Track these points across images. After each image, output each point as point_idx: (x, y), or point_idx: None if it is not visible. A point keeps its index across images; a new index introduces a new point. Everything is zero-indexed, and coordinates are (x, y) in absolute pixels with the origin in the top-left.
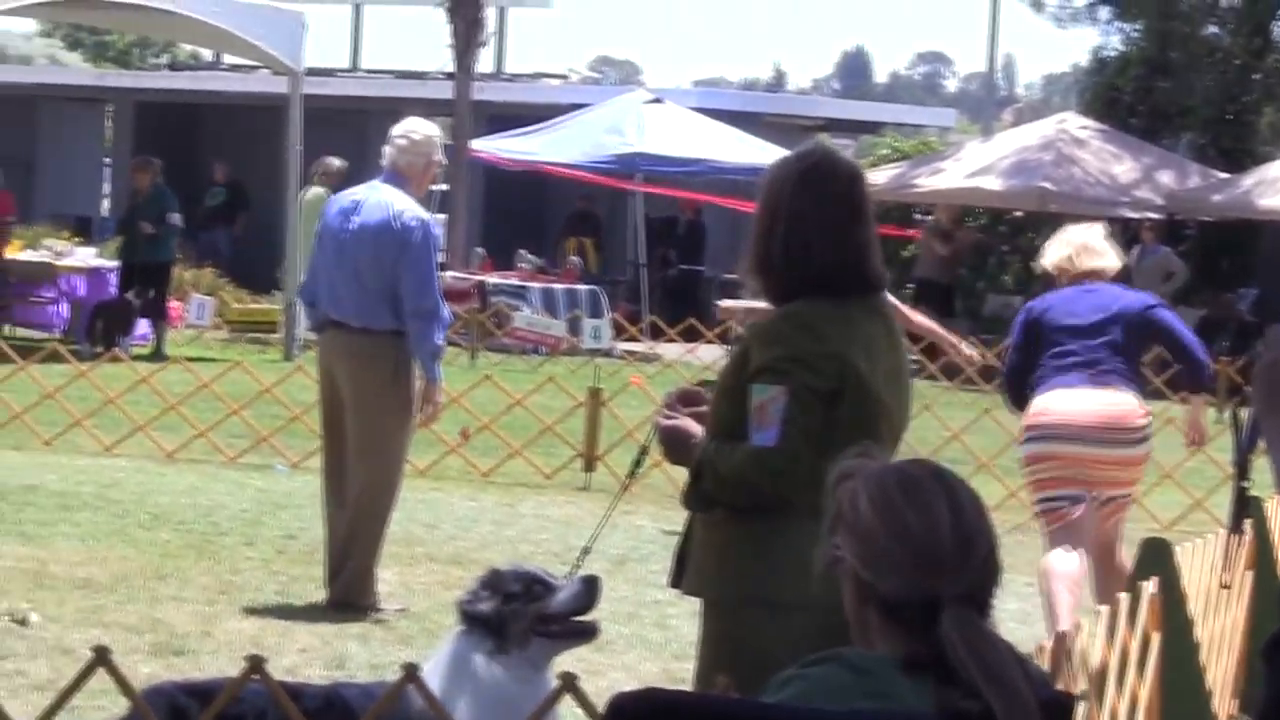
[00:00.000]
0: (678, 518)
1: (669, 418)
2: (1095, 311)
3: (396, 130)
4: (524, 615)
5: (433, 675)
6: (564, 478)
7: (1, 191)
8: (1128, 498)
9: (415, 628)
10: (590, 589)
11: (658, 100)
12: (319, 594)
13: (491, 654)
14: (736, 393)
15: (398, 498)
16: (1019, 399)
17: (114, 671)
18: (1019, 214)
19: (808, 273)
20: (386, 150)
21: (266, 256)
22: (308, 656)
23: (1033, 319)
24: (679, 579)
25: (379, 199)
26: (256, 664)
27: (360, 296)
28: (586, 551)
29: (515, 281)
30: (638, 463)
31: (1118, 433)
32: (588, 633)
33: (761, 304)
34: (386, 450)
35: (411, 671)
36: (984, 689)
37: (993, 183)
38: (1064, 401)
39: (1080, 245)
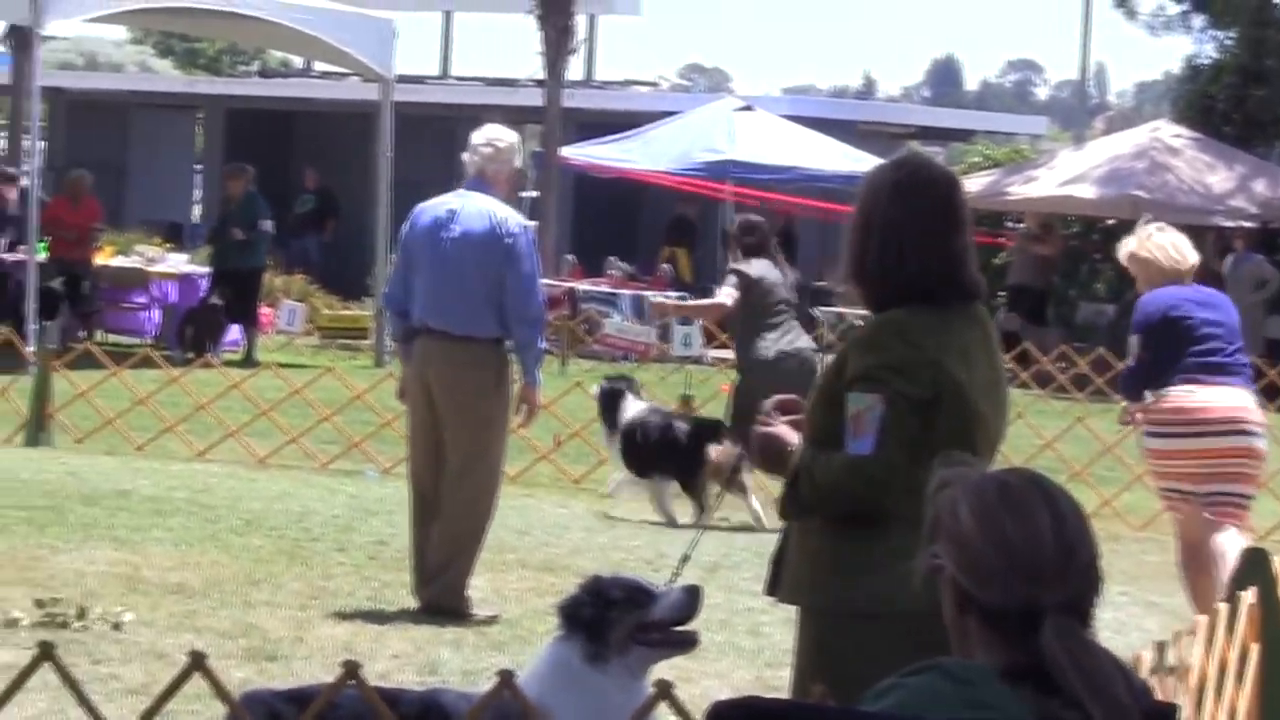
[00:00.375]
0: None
1: (766, 425)
2: (1229, 316)
3: (479, 138)
4: (625, 623)
5: (531, 681)
6: None
7: (89, 197)
8: (1243, 503)
9: (507, 634)
10: (692, 599)
11: (748, 107)
12: (411, 600)
13: (591, 660)
14: (833, 400)
15: (497, 505)
16: (1140, 393)
17: (210, 676)
18: (1112, 222)
19: (902, 281)
20: (469, 158)
21: (357, 263)
22: (400, 662)
23: (1173, 316)
24: (774, 587)
25: (478, 207)
26: (352, 669)
27: (463, 304)
28: (686, 560)
29: (605, 288)
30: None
31: (1244, 424)
32: (689, 642)
33: (698, 302)
34: (489, 458)
35: (507, 677)
36: (1085, 699)
37: (1086, 191)
38: (1204, 396)
39: (1174, 243)
